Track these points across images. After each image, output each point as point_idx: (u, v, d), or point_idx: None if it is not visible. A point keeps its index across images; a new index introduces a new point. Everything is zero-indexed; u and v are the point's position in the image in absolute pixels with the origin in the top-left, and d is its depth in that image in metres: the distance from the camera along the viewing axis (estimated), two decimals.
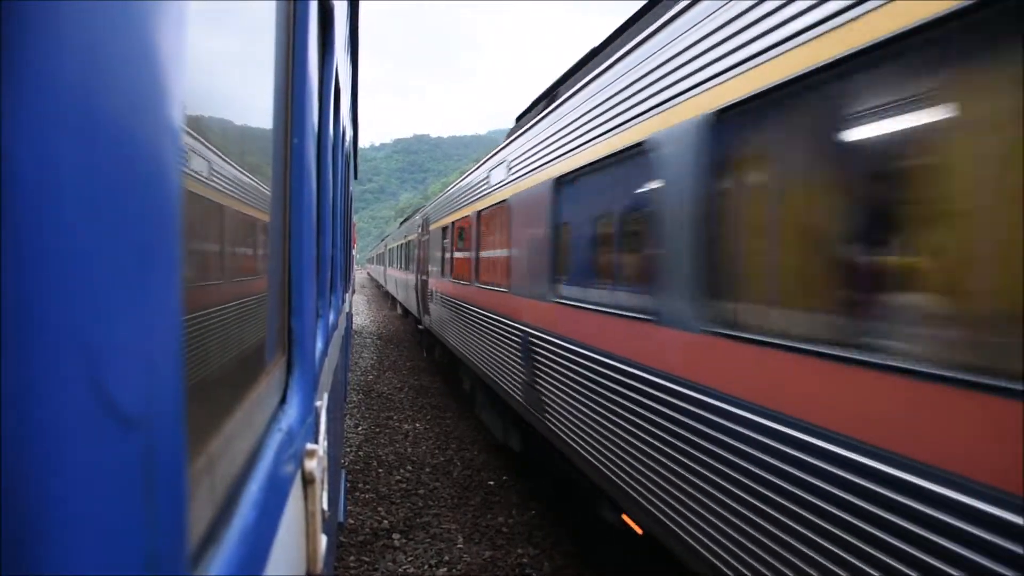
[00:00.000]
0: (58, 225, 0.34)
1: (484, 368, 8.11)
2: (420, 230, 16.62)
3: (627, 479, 3.96)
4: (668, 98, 3.56)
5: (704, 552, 3.12)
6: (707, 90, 3.16)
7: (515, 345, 6.58)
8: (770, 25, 2.69)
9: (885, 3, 2.12)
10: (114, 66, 0.38)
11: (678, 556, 3.36)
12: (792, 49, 2.55)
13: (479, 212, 8.77)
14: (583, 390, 4.73)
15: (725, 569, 2.94)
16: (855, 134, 2.38)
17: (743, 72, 2.86)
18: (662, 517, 3.54)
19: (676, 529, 3.38)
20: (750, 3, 2.84)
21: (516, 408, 6.71)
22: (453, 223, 10.97)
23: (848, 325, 2.35)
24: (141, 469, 0.41)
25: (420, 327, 16.74)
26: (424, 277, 15.16)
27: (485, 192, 8.49)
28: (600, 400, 4.41)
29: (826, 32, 2.37)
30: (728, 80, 2.98)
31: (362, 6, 5.66)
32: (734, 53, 2.94)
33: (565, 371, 5.10)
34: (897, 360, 2.10)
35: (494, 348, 7.50)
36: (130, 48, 0.40)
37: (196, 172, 0.77)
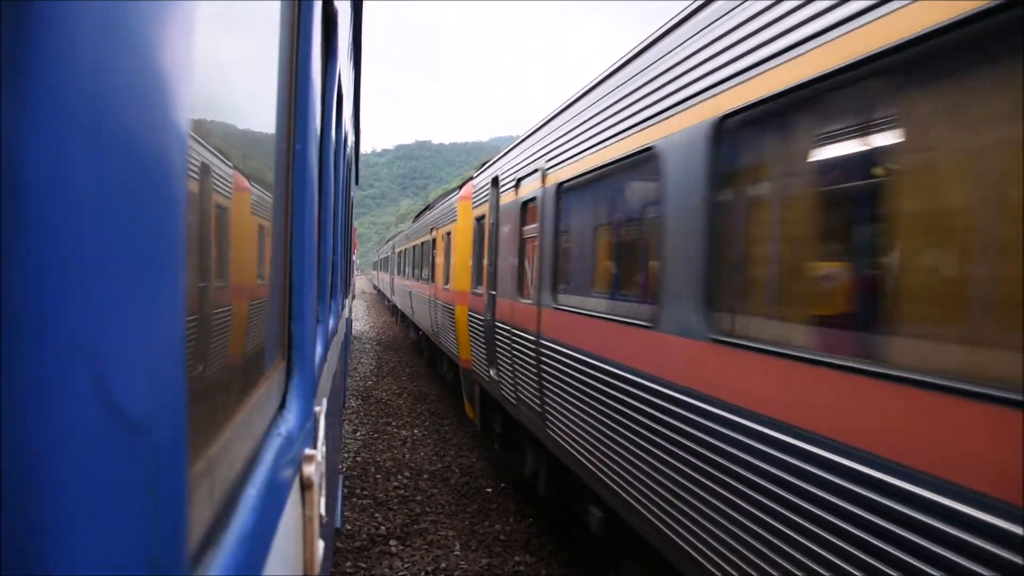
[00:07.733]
0: (63, 230, 0.34)
1: (425, 327, 14.64)
2: (392, 250, 29.22)
3: (504, 386, 7.03)
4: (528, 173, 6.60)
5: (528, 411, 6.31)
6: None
7: (446, 314, 11.22)
8: (584, 137, 5.05)
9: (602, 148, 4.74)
10: (119, 71, 0.39)
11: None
12: (585, 158, 5.05)
13: (421, 243, 15.78)
14: (485, 341, 8.08)
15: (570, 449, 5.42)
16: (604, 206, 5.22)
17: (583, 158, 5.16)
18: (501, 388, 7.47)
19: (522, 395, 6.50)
20: (575, 129, 5.34)
21: (446, 352, 11.76)
22: (408, 247, 20.29)
23: (611, 300, 4.83)
24: (144, 473, 0.42)
25: (389, 303, 29.63)
26: (396, 278, 26.33)
27: (428, 229, 14.80)
28: (493, 346, 7.60)
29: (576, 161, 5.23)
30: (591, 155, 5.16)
31: (365, 10, 5.70)
32: (590, 139, 5.18)
33: (475, 329, 8.93)
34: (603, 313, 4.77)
35: (435, 317, 12.93)
36: (135, 53, 0.40)
37: (199, 176, 0.77)
